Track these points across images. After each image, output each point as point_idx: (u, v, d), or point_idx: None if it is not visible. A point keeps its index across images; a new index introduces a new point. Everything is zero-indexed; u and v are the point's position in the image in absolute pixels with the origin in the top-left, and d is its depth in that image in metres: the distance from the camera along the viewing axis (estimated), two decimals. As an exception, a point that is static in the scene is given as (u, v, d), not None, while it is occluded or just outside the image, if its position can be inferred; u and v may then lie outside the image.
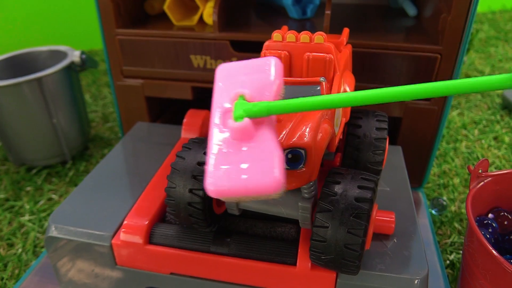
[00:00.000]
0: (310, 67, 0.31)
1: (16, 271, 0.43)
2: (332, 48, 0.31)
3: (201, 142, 0.31)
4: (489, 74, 0.83)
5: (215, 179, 0.19)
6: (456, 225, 0.47)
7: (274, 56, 0.32)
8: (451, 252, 0.44)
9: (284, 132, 0.25)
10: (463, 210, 0.49)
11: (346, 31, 0.37)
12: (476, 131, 0.65)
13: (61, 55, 0.59)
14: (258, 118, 0.20)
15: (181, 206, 0.29)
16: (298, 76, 0.32)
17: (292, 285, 0.30)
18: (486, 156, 0.59)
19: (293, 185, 0.25)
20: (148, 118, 0.54)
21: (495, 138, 0.63)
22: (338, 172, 0.28)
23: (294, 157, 0.24)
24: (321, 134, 0.26)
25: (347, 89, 0.33)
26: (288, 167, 0.24)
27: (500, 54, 0.91)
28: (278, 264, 0.30)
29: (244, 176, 0.18)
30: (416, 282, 0.29)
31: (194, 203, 0.29)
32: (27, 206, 0.52)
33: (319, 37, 0.31)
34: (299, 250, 0.30)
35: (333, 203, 0.26)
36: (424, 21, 0.51)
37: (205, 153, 0.29)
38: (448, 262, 0.43)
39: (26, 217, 0.50)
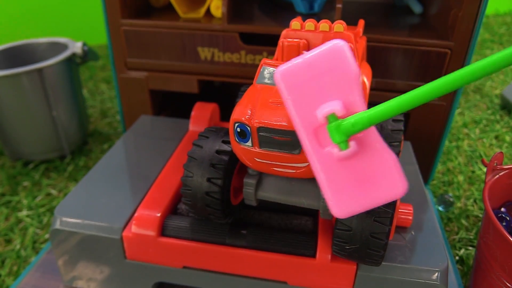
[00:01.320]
0: None
1: (15, 268, 0.41)
2: (352, 37, 0.30)
3: (218, 130, 0.30)
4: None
5: (341, 206, 0.18)
6: (463, 221, 0.47)
7: (292, 44, 0.31)
8: (460, 248, 0.44)
9: None
10: (470, 207, 0.50)
11: (361, 22, 0.36)
12: (477, 130, 0.66)
13: (60, 47, 0.58)
14: None
15: (198, 196, 0.28)
16: None
17: (311, 278, 0.30)
18: (488, 155, 0.60)
19: None
20: (151, 111, 0.53)
21: (496, 137, 0.64)
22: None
23: None
24: None
25: (365, 80, 0.33)
26: None
27: (495, 56, 0.93)
28: (297, 256, 0.29)
29: (371, 193, 0.17)
30: (436, 274, 0.29)
31: (212, 193, 0.28)
32: (24, 201, 0.50)
33: (339, 25, 0.30)
34: (318, 242, 0.29)
35: None
36: (430, 18, 0.51)
37: (223, 142, 0.29)
38: (457, 258, 0.43)
39: (24, 212, 0.48)
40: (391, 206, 0.24)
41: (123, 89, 0.52)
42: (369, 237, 0.25)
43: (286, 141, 0.23)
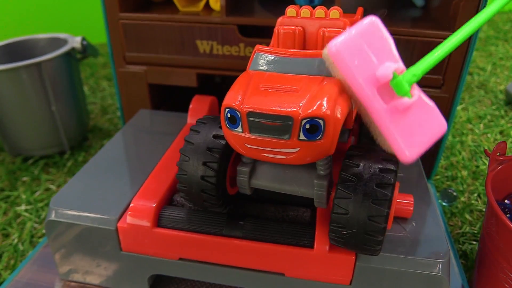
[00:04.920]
0: (325, 43, 0.30)
1: (12, 262, 0.41)
2: (348, 23, 0.30)
3: (216, 118, 0.30)
4: (491, 72, 0.83)
5: (409, 150, 0.22)
6: (467, 216, 0.46)
7: (288, 32, 0.31)
8: (464, 243, 0.43)
9: (302, 102, 0.23)
10: (473, 201, 0.49)
11: (360, 10, 0.36)
12: (481, 126, 0.65)
13: (61, 42, 0.57)
14: None
15: (194, 180, 0.27)
16: None
17: (309, 270, 0.29)
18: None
19: (309, 159, 0.24)
20: (150, 106, 0.53)
21: (501, 132, 0.63)
22: (359, 146, 0.26)
23: (312, 127, 0.23)
24: (339, 106, 0.24)
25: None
26: (305, 138, 0.23)
27: (500, 52, 0.92)
28: (295, 246, 0.29)
29: (427, 134, 0.22)
30: (438, 265, 0.28)
31: (208, 177, 0.27)
32: (23, 196, 0.50)
33: (335, 11, 0.30)
34: (316, 232, 0.29)
35: (357, 174, 0.24)
36: (432, 11, 0.50)
37: (220, 127, 0.28)
38: (460, 252, 0.42)
39: (23, 207, 0.48)
40: (389, 188, 0.24)
41: (122, 84, 0.51)
42: (367, 220, 0.24)
43: (276, 126, 0.22)
